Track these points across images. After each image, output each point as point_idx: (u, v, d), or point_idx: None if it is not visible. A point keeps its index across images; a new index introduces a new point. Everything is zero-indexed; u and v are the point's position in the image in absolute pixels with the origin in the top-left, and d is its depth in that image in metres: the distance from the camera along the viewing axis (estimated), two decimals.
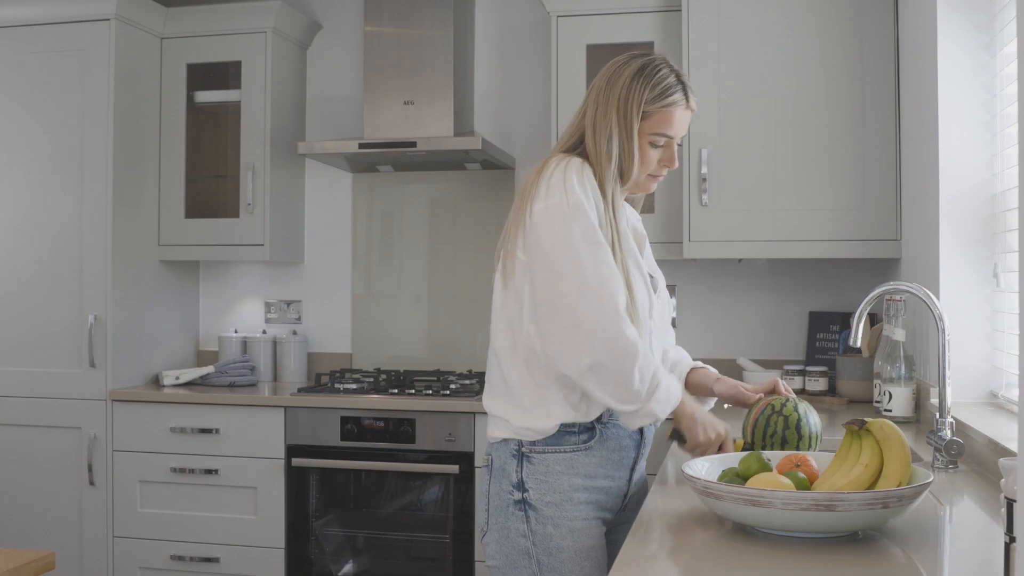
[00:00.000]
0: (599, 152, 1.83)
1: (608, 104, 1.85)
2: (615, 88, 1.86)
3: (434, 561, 3.27)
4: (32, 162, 3.57)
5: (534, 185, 1.80)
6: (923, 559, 1.37)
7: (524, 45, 3.82)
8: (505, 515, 1.81)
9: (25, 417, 3.54)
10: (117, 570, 3.46)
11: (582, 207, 1.75)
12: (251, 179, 3.65)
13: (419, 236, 3.93)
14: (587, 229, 1.74)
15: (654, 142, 1.87)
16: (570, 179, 1.77)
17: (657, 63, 1.87)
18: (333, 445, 3.31)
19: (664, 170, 1.91)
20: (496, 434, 1.85)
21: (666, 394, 1.76)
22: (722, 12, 3.21)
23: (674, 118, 1.86)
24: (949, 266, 2.50)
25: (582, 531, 1.79)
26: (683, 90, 1.87)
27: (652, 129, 1.86)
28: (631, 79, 1.85)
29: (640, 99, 1.84)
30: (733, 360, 3.51)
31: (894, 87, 3.09)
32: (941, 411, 1.95)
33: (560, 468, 1.79)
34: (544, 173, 1.80)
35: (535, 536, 1.78)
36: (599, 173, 1.83)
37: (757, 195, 3.18)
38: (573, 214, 1.74)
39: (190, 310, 4.03)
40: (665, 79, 1.85)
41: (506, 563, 1.80)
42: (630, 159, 1.84)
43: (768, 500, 1.35)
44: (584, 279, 1.71)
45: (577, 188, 1.76)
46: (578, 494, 1.79)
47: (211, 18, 3.71)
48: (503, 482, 1.83)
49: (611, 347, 1.70)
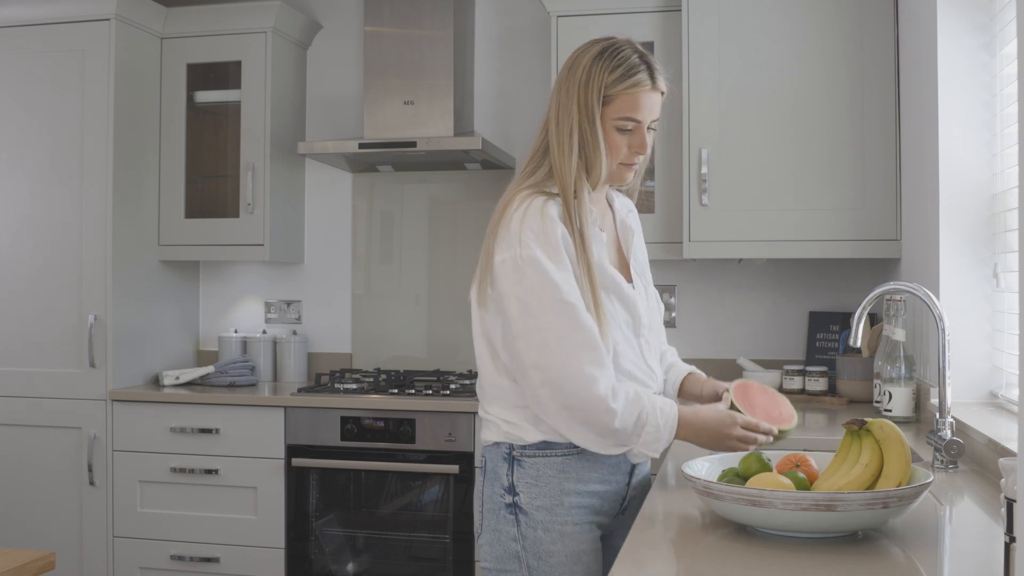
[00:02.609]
0: (562, 151, 1.75)
1: (569, 94, 1.77)
2: (575, 75, 1.78)
3: (434, 561, 3.27)
4: (32, 162, 3.57)
5: (495, 230, 1.74)
6: (923, 559, 1.37)
7: (524, 45, 3.82)
8: (497, 518, 1.79)
9: (25, 417, 3.54)
10: (117, 570, 3.46)
11: (534, 261, 1.67)
12: (251, 179, 3.65)
13: (419, 236, 3.93)
14: (541, 284, 1.67)
15: (621, 127, 1.77)
16: (526, 229, 1.69)
17: (619, 45, 1.78)
18: (333, 445, 3.31)
19: (637, 157, 1.81)
20: (488, 437, 1.82)
21: (654, 434, 1.70)
22: (722, 12, 3.21)
23: (639, 101, 1.76)
24: (949, 266, 2.50)
25: (573, 536, 1.75)
26: (648, 71, 1.77)
27: (617, 114, 1.76)
28: (591, 63, 1.76)
29: (600, 83, 1.75)
30: (733, 360, 3.51)
31: (894, 87, 3.09)
32: (941, 411, 1.95)
33: (551, 472, 1.76)
34: (504, 219, 1.73)
35: (525, 540, 1.75)
36: (563, 185, 1.74)
37: (757, 195, 3.18)
38: (526, 269, 1.68)
39: (190, 310, 4.03)
40: (626, 60, 1.76)
41: (497, 566, 1.78)
42: (595, 149, 1.76)
43: (768, 500, 1.35)
44: (544, 341, 1.66)
45: (532, 239, 1.68)
46: (569, 498, 1.76)
47: (211, 18, 3.71)
48: (495, 485, 1.80)
49: (584, 407, 1.66)
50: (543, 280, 1.67)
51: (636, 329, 1.83)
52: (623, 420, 1.68)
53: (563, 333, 1.67)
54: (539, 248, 1.69)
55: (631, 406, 1.69)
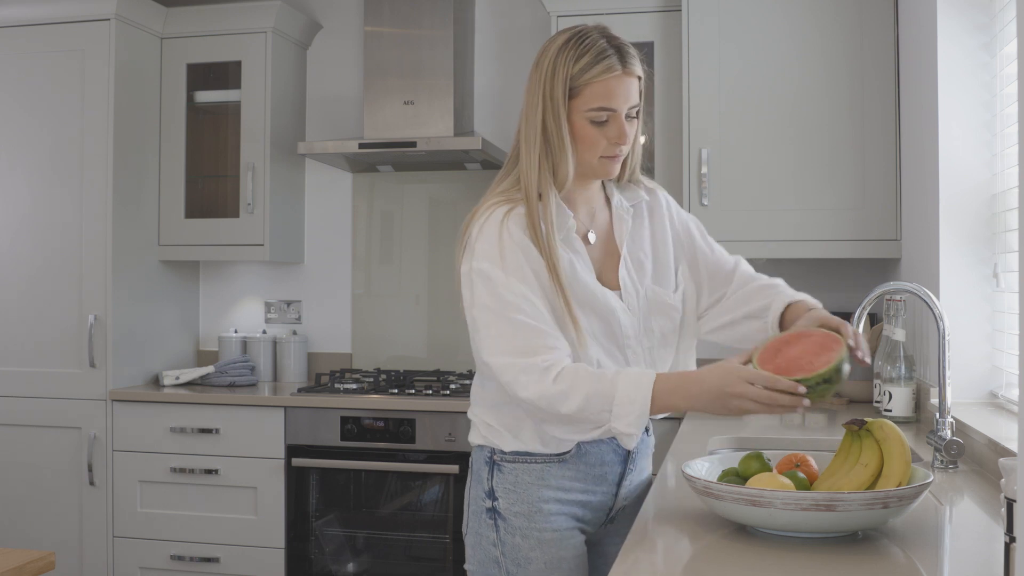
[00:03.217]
0: (528, 154, 1.65)
1: (534, 91, 1.66)
2: (541, 69, 1.66)
3: (434, 561, 3.27)
4: (32, 162, 3.57)
5: (460, 240, 1.70)
6: (923, 559, 1.37)
7: (524, 45, 3.82)
8: (479, 521, 1.75)
9: (25, 417, 3.54)
10: (117, 570, 3.46)
11: (485, 275, 1.62)
12: (251, 179, 3.65)
13: (419, 236, 3.93)
14: (490, 297, 1.61)
15: (595, 119, 1.63)
16: (483, 242, 1.64)
17: (584, 32, 1.66)
18: (333, 445, 3.31)
19: (617, 148, 1.66)
20: (472, 438, 1.78)
21: (626, 407, 1.53)
22: (722, 12, 3.21)
23: (611, 88, 1.62)
24: (949, 266, 2.50)
25: (552, 543, 1.69)
26: (618, 55, 1.63)
27: (588, 105, 1.63)
28: (556, 54, 1.64)
29: (566, 74, 1.62)
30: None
31: (894, 87, 3.09)
32: (941, 411, 1.95)
33: (530, 479, 1.70)
34: (470, 229, 1.69)
35: (504, 546, 1.71)
36: (526, 190, 1.65)
37: (757, 195, 3.18)
38: (477, 282, 1.63)
39: (190, 310, 4.03)
40: (592, 46, 1.62)
41: (479, 569, 1.75)
42: (560, 147, 1.64)
43: (768, 500, 1.35)
44: (491, 348, 1.60)
45: (484, 252, 1.63)
46: (548, 506, 1.69)
47: (211, 18, 3.71)
48: (478, 488, 1.76)
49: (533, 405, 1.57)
50: (490, 292, 1.61)
51: (618, 341, 1.71)
52: (588, 402, 1.54)
53: (501, 335, 1.59)
54: (488, 261, 1.62)
55: (578, 385, 1.54)
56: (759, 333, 1.75)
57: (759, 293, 1.80)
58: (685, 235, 1.85)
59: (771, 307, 1.74)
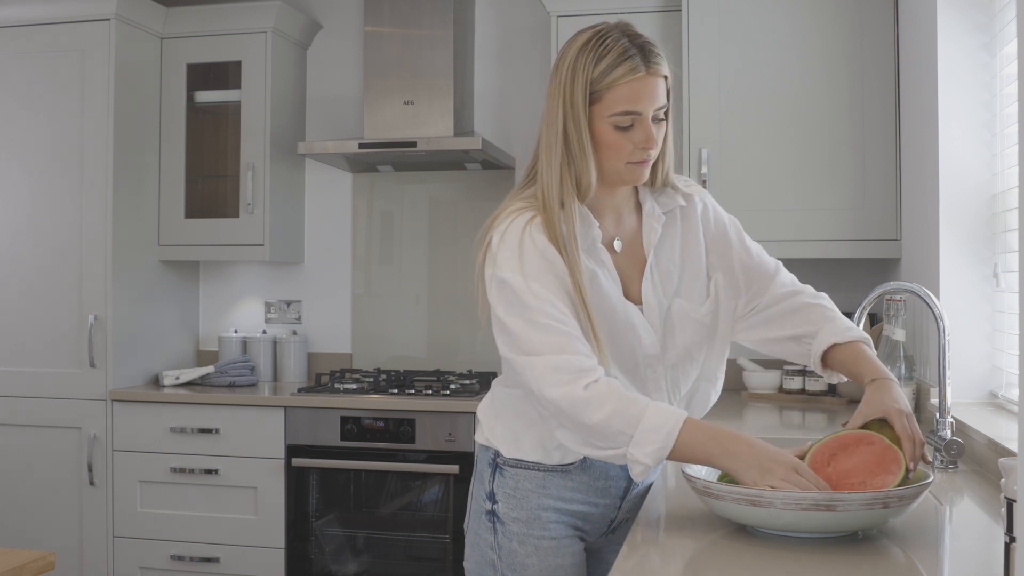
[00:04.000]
0: (549, 162, 1.58)
1: (555, 96, 1.58)
2: (560, 73, 1.57)
3: (434, 561, 3.27)
4: (32, 162, 3.57)
5: (481, 244, 1.63)
6: (923, 559, 1.37)
7: (524, 45, 3.82)
8: (478, 522, 1.73)
9: (25, 417, 3.54)
10: (117, 570, 3.46)
11: (505, 284, 1.55)
12: (251, 179, 3.65)
13: (419, 236, 3.93)
14: (511, 305, 1.54)
15: (619, 124, 1.55)
16: (505, 250, 1.57)
17: (604, 32, 1.56)
18: (333, 445, 3.31)
19: (645, 153, 1.58)
20: (478, 437, 1.76)
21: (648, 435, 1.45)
22: (722, 12, 3.21)
23: (635, 91, 1.53)
24: (949, 266, 2.50)
25: (550, 550, 1.66)
26: (641, 55, 1.53)
27: (611, 110, 1.54)
28: (575, 57, 1.55)
29: (586, 78, 1.53)
30: (733, 360, 3.51)
31: (894, 87, 3.09)
32: (941, 411, 1.95)
33: (530, 486, 1.67)
34: (490, 234, 1.61)
35: (501, 550, 1.68)
36: (545, 199, 1.58)
37: (757, 195, 3.18)
38: (500, 289, 1.56)
39: (190, 310, 4.03)
40: (613, 47, 1.53)
41: (476, 570, 1.74)
42: (582, 155, 1.56)
43: (768, 500, 1.35)
44: (518, 347, 1.53)
45: (508, 263, 1.55)
46: (547, 514, 1.66)
47: (211, 18, 3.72)
48: (480, 488, 1.74)
49: (559, 407, 1.49)
50: (511, 300, 1.55)
51: (636, 357, 1.64)
52: (611, 419, 1.46)
53: (529, 338, 1.53)
54: (511, 270, 1.55)
55: (609, 398, 1.47)
56: (800, 358, 1.70)
57: (805, 313, 1.70)
58: (722, 240, 1.74)
59: (816, 338, 1.66)
